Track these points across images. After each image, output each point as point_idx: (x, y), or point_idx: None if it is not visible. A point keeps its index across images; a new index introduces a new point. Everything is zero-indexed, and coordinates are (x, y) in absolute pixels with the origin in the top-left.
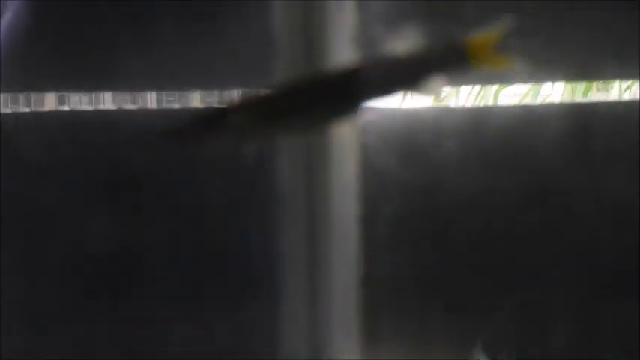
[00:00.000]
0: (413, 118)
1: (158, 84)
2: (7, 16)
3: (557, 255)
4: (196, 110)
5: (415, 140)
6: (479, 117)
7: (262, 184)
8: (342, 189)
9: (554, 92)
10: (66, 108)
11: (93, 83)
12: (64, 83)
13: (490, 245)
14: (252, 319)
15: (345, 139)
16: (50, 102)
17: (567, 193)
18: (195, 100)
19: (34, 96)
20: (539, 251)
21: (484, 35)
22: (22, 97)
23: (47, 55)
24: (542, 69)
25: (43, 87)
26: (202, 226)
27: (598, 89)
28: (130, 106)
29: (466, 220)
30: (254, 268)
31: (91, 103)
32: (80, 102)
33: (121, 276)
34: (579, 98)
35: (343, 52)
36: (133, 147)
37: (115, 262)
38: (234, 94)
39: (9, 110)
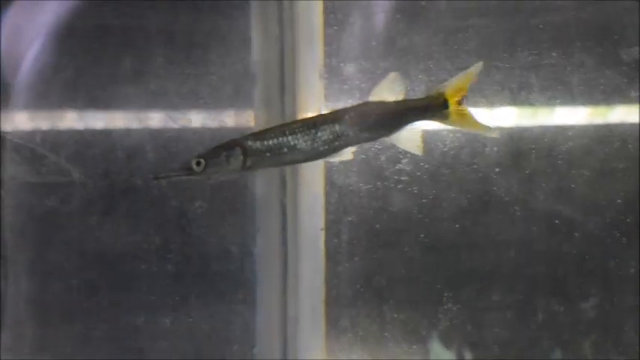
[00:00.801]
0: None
1: (152, 106)
2: (34, 48)
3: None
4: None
5: (373, 159)
6: (435, 138)
7: (242, 197)
8: (310, 202)
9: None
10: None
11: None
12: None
13: (438, 249)
14: (230, 312)
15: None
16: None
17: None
18: (191, 120)
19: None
20: (488, 254)
21: (459, 83)
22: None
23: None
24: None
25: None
26: (187, 231)
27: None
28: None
29: (416, 227)
30: (233, 269)
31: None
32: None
33: (117, 274)
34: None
35: (312, 83)
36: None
37: (112, 261)
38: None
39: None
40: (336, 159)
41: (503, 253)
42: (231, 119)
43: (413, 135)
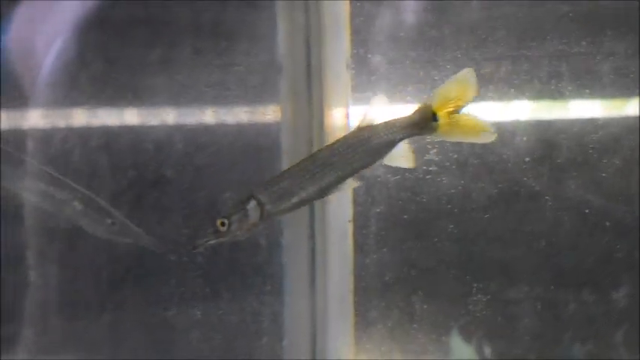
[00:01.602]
0: None
1: (177, 100)
2: (57, 44)
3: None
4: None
5: None
6: None
7: None
8: (337, 194)
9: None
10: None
11: (120, 100)
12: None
13: (467, 240)
14: (259, 304)
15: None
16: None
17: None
18: (209, 115)
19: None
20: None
21: (444, 93)
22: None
23: (82, 77)
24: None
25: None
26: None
27: None
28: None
29: (445, 218)
30: (261, 261)
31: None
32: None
33: (146, 266)
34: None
35: (339, 74)
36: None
37: (142, 253)
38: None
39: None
40: (343, 189)
41: (533, 244)
42: (258, 111)
43: (402, 151)
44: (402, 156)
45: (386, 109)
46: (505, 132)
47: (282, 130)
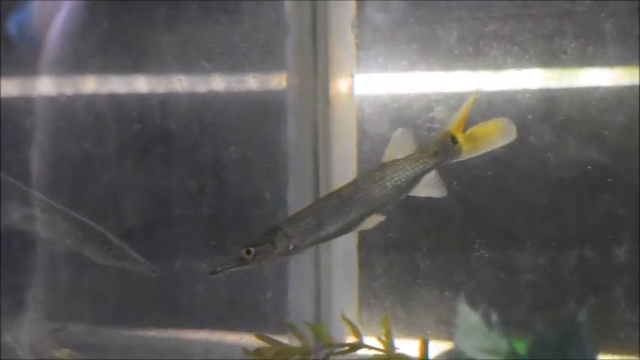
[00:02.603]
0: (403, 88)
1: (185, 65)
2: (63, 11)
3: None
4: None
5: (405, 107)
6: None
7: (275, 144)
8: (342, 150)
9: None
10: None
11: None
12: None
13: (470, 196)
14: None
15: (345, 109)
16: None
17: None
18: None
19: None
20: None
21: (461, 117)
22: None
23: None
24: None
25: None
26: (222, 177)
27: None
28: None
29: (448, 174)
30: (266, 215)
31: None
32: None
33: (152, 217)
34: None
35: (343, 32)
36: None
37: (148, 204)
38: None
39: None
40: (367, 226)
41: (536, 200)
42: (265, 71)
43: (431, 181)
44: (430, 186)
45: (409, 142)
46: (508, 90)
47: (288, 90)
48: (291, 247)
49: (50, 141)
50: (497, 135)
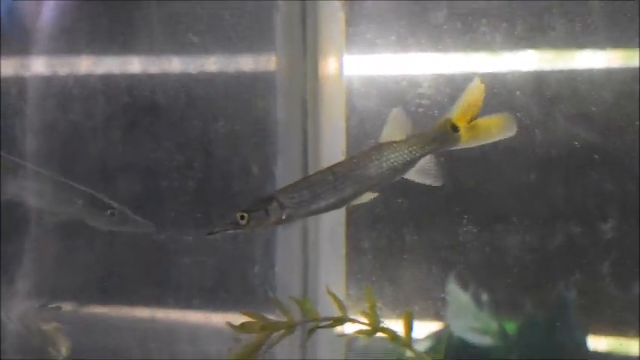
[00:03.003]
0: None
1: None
2: None
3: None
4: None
5: (394, 83)
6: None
7: (264, 119)
8: (331, 125)
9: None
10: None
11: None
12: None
13: (458, 172)
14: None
15: (334, 86)
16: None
17: None
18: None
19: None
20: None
21: (463, 105)
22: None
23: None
24: None
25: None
26: (209, 150)
27: None
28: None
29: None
30: (254, 189)
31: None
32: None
33: (139, 189)
34: None
35: (333, 6)
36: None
37: (135, 176)
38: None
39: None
40: (357, 202)
41: (523, 176)
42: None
43: (427, 166)
44: (426, 172)
45: (406, 123)
46: (496, 66)
47: (277, 69)
48: (284, 217)
49: (40, 114)
50: (498, 129)
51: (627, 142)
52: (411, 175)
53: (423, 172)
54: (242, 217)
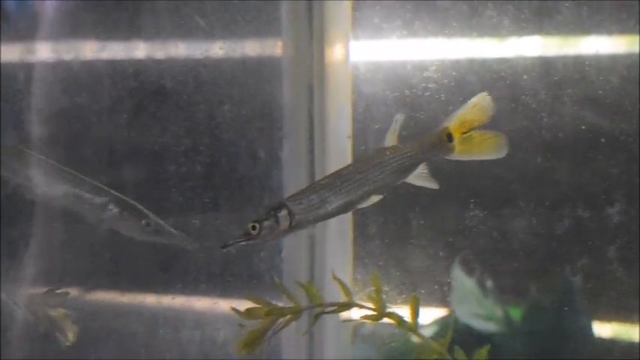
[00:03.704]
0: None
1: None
2: None
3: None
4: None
5: (400, 67)
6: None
7: (270, 104)
8: (337, 110)
9: None
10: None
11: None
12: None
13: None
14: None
15: (340, 70)
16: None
17: None
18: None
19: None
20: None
21: (464, 118)
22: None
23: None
24: None
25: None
26: (216, 134)
27: None
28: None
29: None
30: (260, 174)
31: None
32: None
33: (146, 173)
34: None
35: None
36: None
37: (142, 160)
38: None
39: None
40: (363, 205)
41: (530, 160)
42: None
43: (422, 173)
44: (422, 178)
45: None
46: (504, 49)
47: (283, 55)
48: (294, 224)
49: (46, 98)
50: (490, 148)
51: (634, 126)
52: (411, 179)
53: (420, 177)
54: (254, 228)
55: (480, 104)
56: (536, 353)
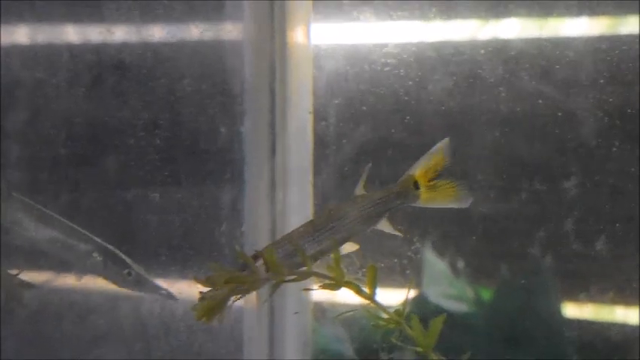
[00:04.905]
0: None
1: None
2: None
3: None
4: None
5: (360, 43)
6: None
7: (231, 78)
8: (298, 85)
9: None
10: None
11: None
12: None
13: (424, 131)
14: (218, 191)
15: (301, 45)
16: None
17: None
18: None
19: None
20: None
21: (427, 165)
22: None
23: None
24: None
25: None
26: (176, 109)
27: None
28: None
29: (402, 109)
30: (221, 148)
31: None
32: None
33: (105, 146)
34: None
35: None
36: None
37: (101, 133)
38: None
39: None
40: (342, 252)
41: (488, 134)
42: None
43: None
44: (386, 226)
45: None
46: (461, 25)
47: (244, 29)
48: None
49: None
50: (453, 198)
51: (590, 100)
52: (382, 226)
53: (386, 225)
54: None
55: (440, 150)
56: (506, 332)
